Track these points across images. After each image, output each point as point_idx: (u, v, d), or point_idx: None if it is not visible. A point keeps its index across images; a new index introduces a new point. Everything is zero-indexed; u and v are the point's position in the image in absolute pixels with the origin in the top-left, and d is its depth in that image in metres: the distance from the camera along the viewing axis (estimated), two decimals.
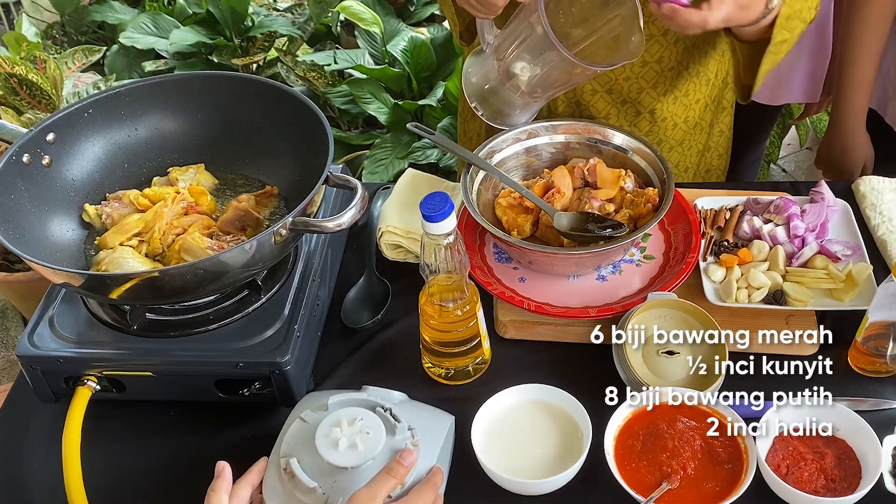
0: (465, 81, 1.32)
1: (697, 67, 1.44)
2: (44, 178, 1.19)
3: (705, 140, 1.56)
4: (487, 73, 1.28)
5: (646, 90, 1.42)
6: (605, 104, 1.44)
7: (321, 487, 0.93)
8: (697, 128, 1.52)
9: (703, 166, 1.60)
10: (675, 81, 1.43)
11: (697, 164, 1.59)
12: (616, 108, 1.44)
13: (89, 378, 1.11)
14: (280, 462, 0.96)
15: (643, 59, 1.38)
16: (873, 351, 1.12)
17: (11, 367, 2.56)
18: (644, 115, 1.45)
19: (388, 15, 3.07)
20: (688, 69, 1.42)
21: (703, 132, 1.54)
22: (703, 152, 1.58)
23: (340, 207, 1.26)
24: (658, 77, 1.41)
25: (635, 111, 1.45)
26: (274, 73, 3.02)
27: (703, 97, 1.48)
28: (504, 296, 1.21)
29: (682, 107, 1.47)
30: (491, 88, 1.29)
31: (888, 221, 1.33)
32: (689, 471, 1.01)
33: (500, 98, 1.29)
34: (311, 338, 1.18)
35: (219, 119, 1.30)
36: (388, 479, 0.91)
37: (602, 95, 1.42)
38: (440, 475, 0.97)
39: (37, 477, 1.12)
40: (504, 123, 1.33)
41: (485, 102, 1.31)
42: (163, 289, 1.06)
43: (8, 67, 2.25)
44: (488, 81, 1.29)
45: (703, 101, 1.49)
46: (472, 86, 1.31)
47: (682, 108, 1.47)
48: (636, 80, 1.40)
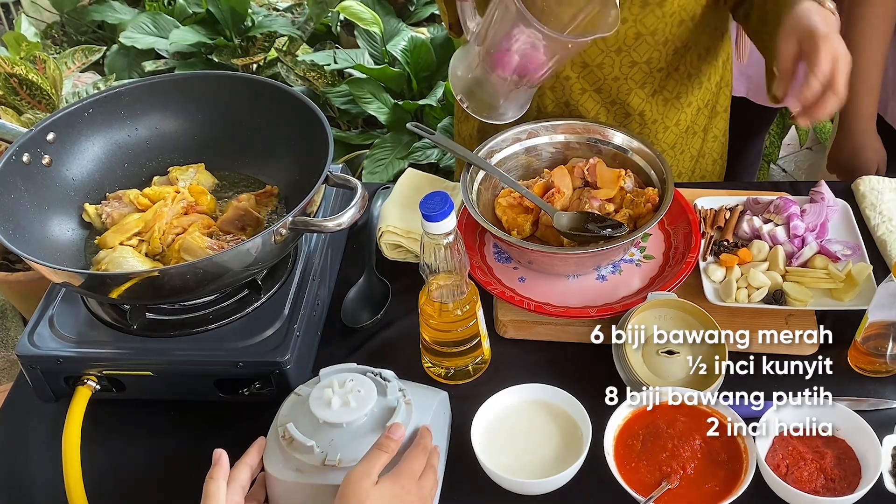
0: (452, 75, 1.30)
1: (689, 70, 1.43)
2: (44, 177, 1.19)
3: (700, 145, 1.56)
4: (471, 63, 1.26)
5: (634, 90, 1.41)
6: (594, 104, 1.43)
7: (318, 446, 0.94)
8: (690, 132, 1.51)
9: (697, 172, 1.59)
10: (665, 83, 1.42)
11: (692, 170, 1.58)
12: (605, 108, 1.43)
13: (89, 378, 1.11)
14: (278, 431, 0.98)
15: (632, 59, 1.37)
16: (873, 351, 1.12)
17: (11, 367, 2.56)
18: (634, 117, 1.45)
19: (388, 15, 3.07)
20: (678, 71, 1.42)
21: (697, 137, 1.54)
22: (698, 158, 1.57)
23: (340, 207, 1.26)
24: (647, 77, 1.40)
25: (625, 112, 1.44)
26: (274, 73, 3.02)
27: (695, 100, 1.48)
28: (504, 295, 1.21)
29: (673, 109, 1.46)
30: (475, 78, 1.27)
31: (888, 221, 1.33)
32: (688, 471, 1.01)
33: (484, 88, 1.27)
34: (310, 337, 1.18)
35: (219, 119, 1.30)
36: (380, 455, 0.92)
37: (591, 94, 1.42)
38: (428, 436, 0.98)
39: (37, 477, 1.12)
40: (491, 117, 1.30)
41: (470, 94, 1.29)
42: (163, 288, 1.06)
43: (8, 67, 2.25)
44: (471, 71, 1.27)
45: (696, 105, 1.49)
46: (458, 79, 1.29)
47: (673, 111, 1.46)
48: (625, 80, 1.40)
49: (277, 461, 0.97)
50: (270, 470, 0.97)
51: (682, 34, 1.36)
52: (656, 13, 1.32)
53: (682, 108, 1.46)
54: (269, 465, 0.97)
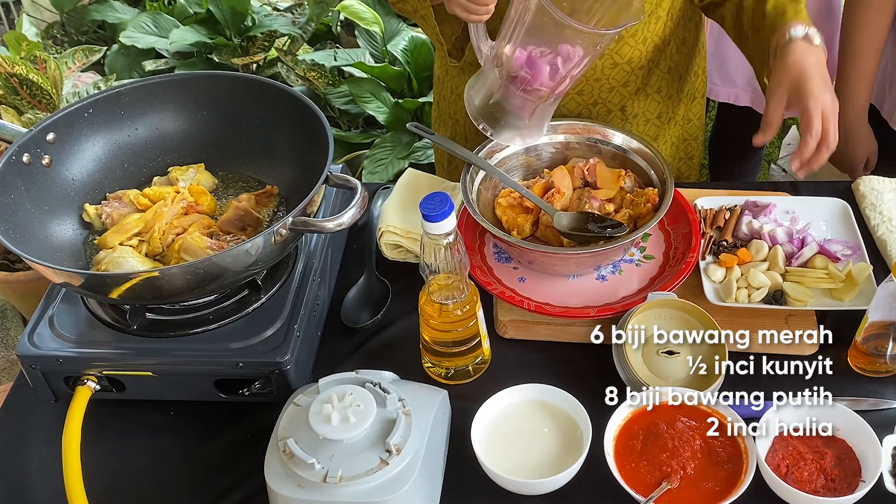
0: (469, 105, 1.28)
1: (668, 63, 1.44)
2: (44, 177, 1.19)
3: (679, 132, 1.57)
4: (490, 86, 1.25)
5: (616, 89, 1.42)
6: (575, 105, 1.43)
7: (319, 462, 0.95)
8: (671, 122, 1.52)
9: (679, 156, 1.59)
10: (647, 79, 1.43)
11: (674, 156, 1.58)
12: (587, 109, 1.44)
13: (89, 378, 1.11)
14: (279, 445, 0.98)
15: (613, 60, 1.38)
16: (873, 351, 1.12)
17: (11, 367, 2.56)
18: (615, 113, 1.45)
19: (389, 15, 3.07)
20: (658, 66, 1.43)
21: (677, 125, 1.55)
22: (679, 144, 1.58)
23: (340, 207, 1.26)
24: (628, 76, 1.41)
25: (606, 110, 1.44)
26: (274, 73, 3.02)
27: (675, 92, 1.49)
28: (504, 296, 1.21)
29: (653, 103, 1.47)
30: (495, 102, 1.25)
31: (888, 221, 1.33)
32: (688, 470, 1.01)
33: (507, 111, 1.26)
34: (310, 337, 1.18)
35: (219, 119, 1.30)
36: None
37: (573, 97, 1.42)
38: None
39: (37, 477, 1.12)
40: (516, 139, 1.30)
41: (491, 118, 1.27)
42: (163, 289, 1.06)
43: (8, 67, 2.25)
44: (492, 95, 1.25)
45: (676, 96, 1.50)
46: (477, 108, 1.27)
47: (654, 104, 1.47)
48: (606, 80, 1.40)
49: (279, 475, 0.97)
50: (272, 484, 0.97)
51: (659, 30, 1.38)
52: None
53: (662, 101, 1.47)
54: (270, 479, 0.97)
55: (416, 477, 0.96)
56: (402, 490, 0.95)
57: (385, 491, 0.95)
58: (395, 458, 0.96)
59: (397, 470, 0.96)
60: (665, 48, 1.41)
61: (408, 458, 0.97)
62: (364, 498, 0.95)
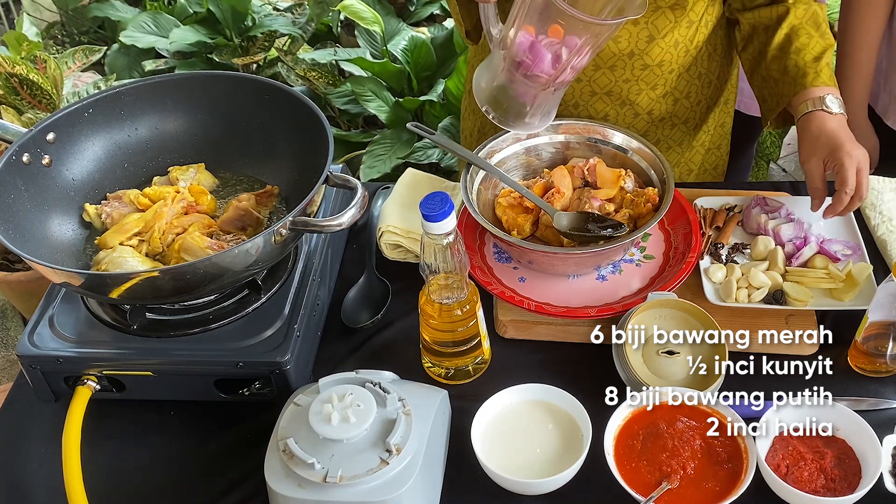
0: (476, 88, 1.27)
1: (699, 69, 1.44)
2: (44, 177, 1.19)
3: (707, 140, 1.56)
4: (495, 70, 1.24)
5: (645, 91, 1.42)
6: (603, 105, 1.43)
7: (319, 462, 0.95)
8: (697, 128, 1.52)
9: (704, 165, 1.59)
10: (677, 83, 1.43)
11: (701, 164, 1.58)
12: (615, 109, 1.44)
13: (89, 378, 1.11)
14: (279, 445, 0.98)
15: (644, 62, 1.38)
16: (873, 351, 1.12)
17: (11, 367, 2.56)
18: (642, 116, 1.45)
19: (389, 14, 3.07)
20: (689, 71, 1.42)
21: (706, 133, 1.55)
22: (704, 153, 1.58)
23: (340, 207, 1.26)
24: (658, 79, 1.41)
25: (634, 113, 1.45)
26: (274, 73, 3.02)
27: (704, 98, 1.48)
28: (504, 296, 1.21)
29: (682, 108, 1.47)
30: (500, 85, 1.24)
31: (888, 221, 1.33)
32: (688, 470, 1.01)
33: (510, 95, 1.25)
34: (310, 337, 1.18)
35: (219, 119, 1.30)
36: None
37: (601, 97, 1.42)
38: None
39: (37, 477, 1.12)
40: (518, 125, 1.28)
41: (496, 104, 1.26)
42: (163, 289, 1.06)
43: (8, 67, 2.25)
44: (496, 78, 1.25)
45: (705, 103, 1.49)
46: (482, 90, 1.27)
47: (682, 109, 1.47)
48: (636, 81, 1.40)
49: (278, 475, 0.97)
50: (271, 484, 0.97)
51: (691, 34, 1.38)
52: (668, 16, 1.33)
53: (691, 107, 1.47)
54: (270, 479, 0.97)
55: (416, 477, 0.96)
56: (402, 490, 0.95)
57: (385, 491, 0.95)
58: (395, 458, 0.96)
59: (397, 470, 0.96)
60: (696, 53, 1.41)
61: (408, 458, 0.97)
62: (364, 498, 0.95)
